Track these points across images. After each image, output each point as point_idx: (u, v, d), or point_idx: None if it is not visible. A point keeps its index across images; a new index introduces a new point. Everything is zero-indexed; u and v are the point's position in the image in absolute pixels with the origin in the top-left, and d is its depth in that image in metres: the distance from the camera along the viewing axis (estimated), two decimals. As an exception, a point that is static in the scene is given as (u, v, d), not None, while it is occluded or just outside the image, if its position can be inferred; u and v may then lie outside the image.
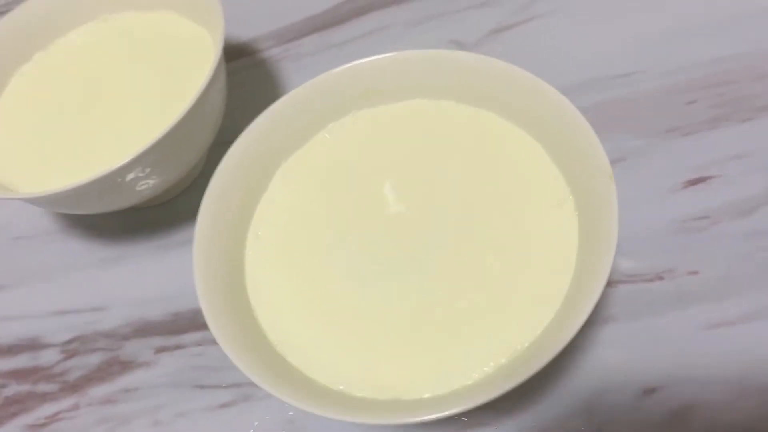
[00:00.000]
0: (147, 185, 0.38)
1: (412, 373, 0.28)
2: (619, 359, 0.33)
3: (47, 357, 0.40)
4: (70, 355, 0.40)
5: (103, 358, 0.39)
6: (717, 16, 0.44)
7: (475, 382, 0.27)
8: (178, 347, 0.39)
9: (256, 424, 0.35)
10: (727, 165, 0.38)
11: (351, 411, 0.26)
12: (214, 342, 0.37)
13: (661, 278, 0.35)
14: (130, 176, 0.35)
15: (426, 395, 0.27)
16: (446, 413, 0.24)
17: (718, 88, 0.41)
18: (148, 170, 0.36)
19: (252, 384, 0.36)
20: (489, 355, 0.28)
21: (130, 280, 0.42)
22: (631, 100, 0.42)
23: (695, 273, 0.35)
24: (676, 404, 0.32)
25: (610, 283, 0.35)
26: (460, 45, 0.48)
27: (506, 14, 0.49)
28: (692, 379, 0.32)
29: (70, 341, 0.40)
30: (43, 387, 0.39)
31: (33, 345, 0.41)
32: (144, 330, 0.40)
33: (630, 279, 0.35)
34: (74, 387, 0.38)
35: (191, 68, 0.41)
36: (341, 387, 0.28)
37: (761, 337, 0.33)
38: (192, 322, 0.39)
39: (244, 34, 0.52)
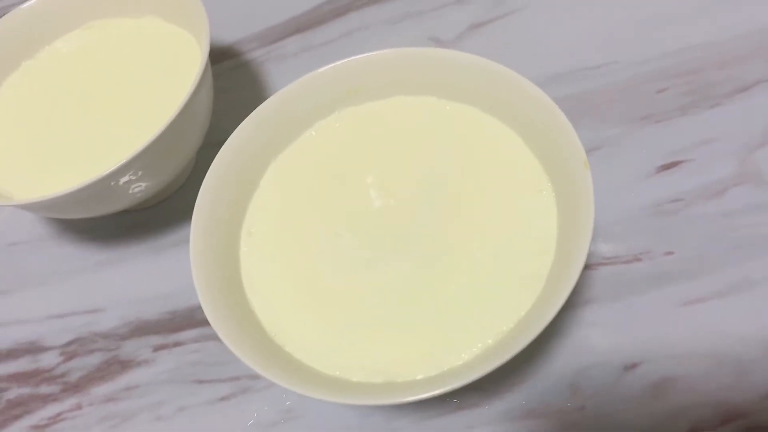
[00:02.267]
0: (139, 188, 0.38)
1: (405, 357, 0.30)
2: (601, 338, 0.35)
3: (47, 359, 0.41)
4: (69, 356, 0.41)
5: (103, 358, 0.40)
6: (683, 8, 0.46)
7: (465, 363, 0.29)
8: (176, 344, 0.40)
9: (255, 414, 0.36)
10: (698, 150, 0.40)
11: (347, 394, 0.27)
12: (211, 338, 0.39)
13: (638, 260, 0.37)
14: (123, 180, 0.36)
15: (419, 377, 0.29)
16: (438, 392, 0.26)
17: (686, 76, 0.43)
18: (139, 173, 0.37)
19: (250, 376, 0.37)
20: (476, 337, 0.29)
21: (126, 282, 0.43)
22: (605, 91, 0.44)
23: (671, 253, 0.37)
24: (656, 378, 0.33)
25: (590, 266, 0.37)
26: (439, 42, 0.49)
27: (482, 11, 0.50)
28: (670, 353, 0.34)
29: (69, 343, 0.41)
30: (45, 389, 0.40)
31: (32, 348, 0.41)
32: (142, 329, 0.41)
33: (609, 261, 0.37)
34: (75, 387, 0.39)
35: (178, 72, 0.42)
36: (337, 373, 0.30)
37: (734, 312, 0.34)
38: (189, 319, 0.40)
39: (228, 37, 0.53)
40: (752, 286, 0.35)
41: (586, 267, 0.37)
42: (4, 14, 0.45)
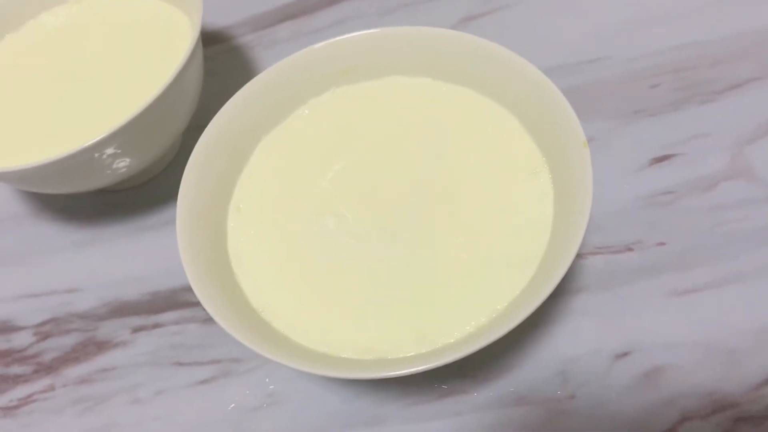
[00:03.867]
0: (123, 164, 0.37)
1: (395, 335, 0.29)
2: (592, 326, 0.35)
3: (20, 339, 0.39)
4: (43, 336, 0.39)
5: (79, 339, 0.39)
6: (676, 6, 0.46)
7: (457, 341, 0.28)
8: (156, 326, 0.38)
9: (236, 398, 0.35)
10: (690, 144, 0.40)
11: (337, 368, 0.26)
12: (192, 320, 0.38)
13: (630, 250, 0.36)
14: (106, 153, 0.35)
15: (410, 354, 0.28)
16: (427, 366, 0.25)
17: (679, 72, 0.43)
18: (123, 148, 0.36)
19: (231, 359, 0.36)
20: (470, 315, 0.29)
21: (105, 262, 0.41)
22: (599, 85, 0.44)
23: (662, 244, 0.36)
24: (647, 367, 0.33)
25: (582, 256, 0.37)
26: (433, 32, 0.49)
27: (476, 4, 0.50)
28: (661, 343, 0.33)
29: (43, 323, 0.40)
30: (16, 369, 0.38)
31: (4, 328, 0.40)
32: (121, 310, 0.39)
33: (601, 251, 0.37)
34: (49, 368, 0.38)
35: (168, 50, 0.41)
36: (326, 350, 0.29)
37: (724, 302, 0.34)
38: (170, 301, 0.39)
39: (220, 20, 0.53)
40: (742, 278, 0.35)
41: (579, 256, 0.37)
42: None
